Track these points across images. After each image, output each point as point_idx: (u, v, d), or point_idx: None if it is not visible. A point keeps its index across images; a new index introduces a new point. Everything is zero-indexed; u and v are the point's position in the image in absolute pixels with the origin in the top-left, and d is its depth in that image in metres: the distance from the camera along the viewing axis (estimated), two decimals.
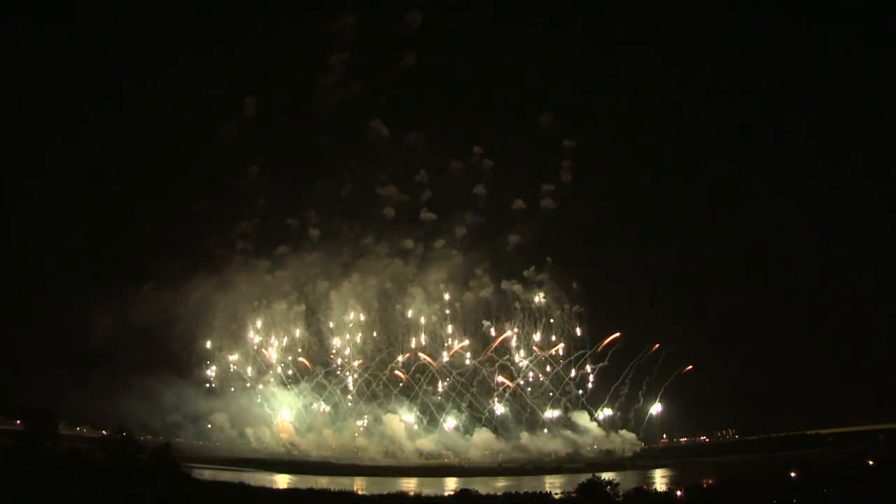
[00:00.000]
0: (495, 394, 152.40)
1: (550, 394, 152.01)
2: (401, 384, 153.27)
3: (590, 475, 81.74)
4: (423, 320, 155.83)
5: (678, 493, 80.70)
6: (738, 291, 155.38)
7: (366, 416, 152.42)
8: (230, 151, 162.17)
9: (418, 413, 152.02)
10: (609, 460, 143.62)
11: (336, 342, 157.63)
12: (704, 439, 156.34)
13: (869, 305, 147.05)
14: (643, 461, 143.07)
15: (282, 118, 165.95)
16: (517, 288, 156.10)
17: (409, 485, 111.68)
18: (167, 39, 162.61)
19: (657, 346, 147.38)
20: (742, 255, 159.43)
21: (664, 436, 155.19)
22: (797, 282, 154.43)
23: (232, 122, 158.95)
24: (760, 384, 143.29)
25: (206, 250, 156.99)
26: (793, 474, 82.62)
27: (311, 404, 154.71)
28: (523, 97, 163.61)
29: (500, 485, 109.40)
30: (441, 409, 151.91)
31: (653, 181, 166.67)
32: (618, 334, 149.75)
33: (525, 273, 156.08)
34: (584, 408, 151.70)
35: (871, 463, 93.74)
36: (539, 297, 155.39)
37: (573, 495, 78.85)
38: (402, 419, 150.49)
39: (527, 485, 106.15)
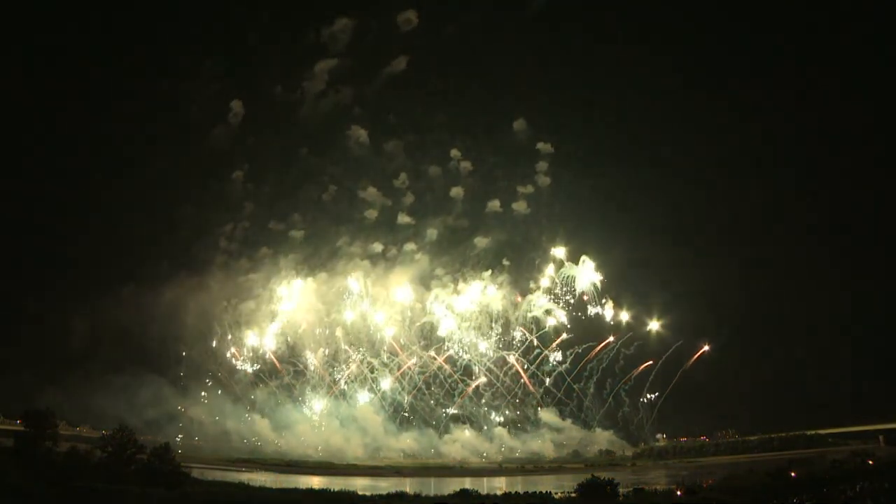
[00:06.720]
0: (457, 392, 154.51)
1: (515, 393, 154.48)
2: (367, 384, 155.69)
3: (589, 475, 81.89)
4: (383, 322, 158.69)
5: (678, 493, 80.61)
6: (735, 291, 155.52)
7: (340, 412, 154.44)
8: (217, 156, 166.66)
9: (390, 411, 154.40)
10: (609, 460, 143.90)
11: (301, 342, 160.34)
12: (704, 439, 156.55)
13: (868, 305, 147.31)
14: (643, 461, 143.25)
15: (267, 124, 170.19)
16: (476, 289, 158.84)
17: (409, 485, 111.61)
18: (155, 45, 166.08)
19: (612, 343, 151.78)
20: (739, 255, 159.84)
21: (663, 435, 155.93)
22: (795, 281, 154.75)
23: (219, 128, 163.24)
24: (760, 384, 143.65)
25: (191, 253, 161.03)
26: (793, 474, 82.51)
27: (284, 403, 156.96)
28: (504, 101, 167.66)
29: (499, 484, 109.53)
30: (414, 409, 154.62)
31: (631, 183, 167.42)
32: (565, 335, 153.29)
33: (483, 275, 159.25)
34: (553, 406, 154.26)
35: (871, 463, 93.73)
36: (498, 299, 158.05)
37: (573, 495, 78.88)
38: (377, 414, 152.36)
39: (526, 485, 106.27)
